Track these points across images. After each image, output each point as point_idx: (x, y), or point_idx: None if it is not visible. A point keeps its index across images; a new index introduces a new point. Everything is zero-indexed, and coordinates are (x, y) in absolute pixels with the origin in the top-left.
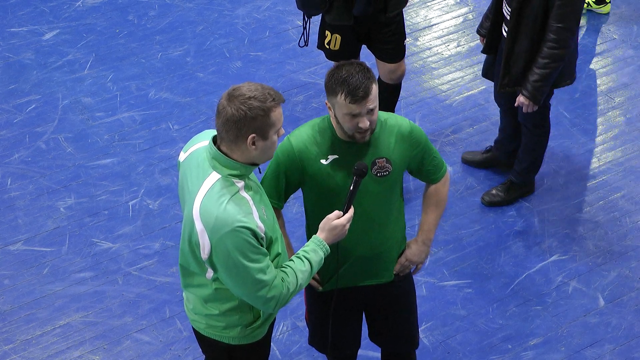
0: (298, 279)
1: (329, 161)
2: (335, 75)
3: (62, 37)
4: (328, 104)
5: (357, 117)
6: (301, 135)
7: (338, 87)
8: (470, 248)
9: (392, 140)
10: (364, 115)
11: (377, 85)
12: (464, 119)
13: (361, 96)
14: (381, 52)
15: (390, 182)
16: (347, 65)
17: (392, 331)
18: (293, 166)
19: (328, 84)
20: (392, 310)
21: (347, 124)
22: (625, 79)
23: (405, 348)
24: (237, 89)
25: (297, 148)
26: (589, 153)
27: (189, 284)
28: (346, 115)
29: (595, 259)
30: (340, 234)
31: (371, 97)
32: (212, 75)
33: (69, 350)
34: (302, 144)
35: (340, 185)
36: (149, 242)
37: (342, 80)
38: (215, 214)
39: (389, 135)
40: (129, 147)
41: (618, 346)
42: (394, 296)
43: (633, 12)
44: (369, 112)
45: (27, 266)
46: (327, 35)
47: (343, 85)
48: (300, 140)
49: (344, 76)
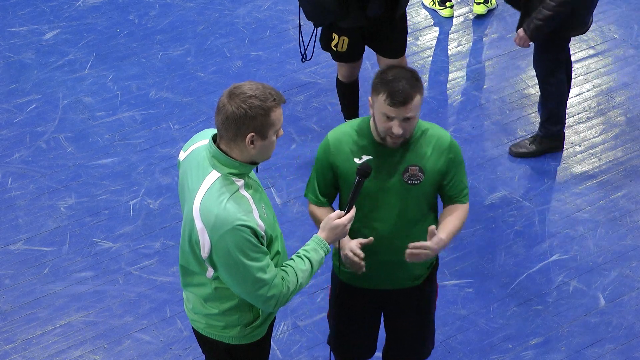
0: (298, 278)
1: (362, 161)
2: (382, 75)
3: (63, 37)
4: (370, 100)
5: (391, 120)
6: (339, 132)
7: (382, 86)
8: (470, 247)
9: (428, 150)
10: (399, 121)
11: (421, 95)
12: (465, 118)
13: (400, 101)
14: (385, 49)
15: (420, 192)
16: (397, 69)
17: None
18: (328, 162)
19: (374, 81)
20: (409, 316)
21: (381, 125)
22: (625, 79)
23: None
24: (239, 87)
25: (333, 144)
26: (590, 152)
27: (188, 283)
28: (382, 115)
29: (596, 259)
30: (341, 233)
31: (411, 105)
32: (213, 75)
33: (69, 349)
34: (338, 141)
35: (368, 186)
36: (149, 241)
37: (387, 81)
38: (215, 212)
39: (427, 145)
40: (129, 147)
41: (619, 346)
42: (414, 302)
43: (633, 11)
44: (405, 119)
45: (28, 266)
46: (334, 38)
47: (386, 86)
48: (337, 137)
49: (390, 78)
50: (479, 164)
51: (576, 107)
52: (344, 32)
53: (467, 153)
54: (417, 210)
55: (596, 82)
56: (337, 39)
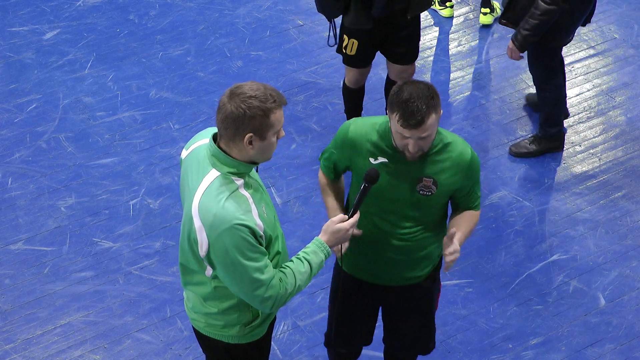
0: (297, 280)
1: (377, 162)
2: (399, 93)
3: (63, 37)
4: (387, 113)
5: (407, 139)
6: (362, 127)
7: (396, 106)
8: (471, 247)
9: (447, 164)
10: (414, 140)
11: (437, 113)
12: (465, 118)
13: (413, 124)
14: (395, 56)
15: (431, 204)
16: (413, 85)
17: (405, 335)
18: (343, 150)
19: (391, 99)
20: (410, 313)
21: (397, 141)
22: (626, 78)
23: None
24: (240, 87)
25: (352, 137)
26: (590, 152)
27: (188, 282)
28: (397, 133)
29: (596, 259)
30: (342, 237)
31: (425, 125)
32: (213, 75)
33: (69, 349)
34: (359, 136)
35: (380, 189)
36: (149, 241)
37: (402, 101)
38: (213, 211)
39: (446, 159)
40: (129, 147)
41: (619, 345)
42: (415, 300)
43: (633, 11)
44: (421, 138)
45: (28, 265)
46: (345, 39)
47: (400, 107)
48: (357, 132)
49: (405, 98)
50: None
51: (576, 107)
52: (353, 34)
53: None
54: (425, 219)
55: (596, 81)
56: (347, 40)
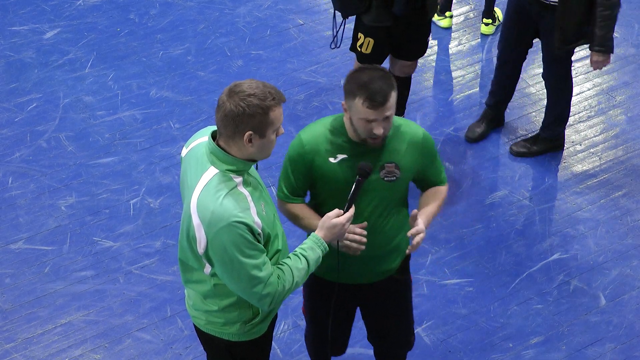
0: (294, 276)
1: (337, 160)
2: (356, 78)
3: (63, 36)
4: (345, 105)
5: (372, 122)
6: (312, 132)
7: (357, 90)
8: (471, 247)
9: (403, 146)
10: (379, 122)
11: (396, 92)
12: (465, 117)
13: (379, 102)
14: (404, 53)
15: (397, 188)
16: (370, 69)
17: (387, 332)
18: (302, 162)
19: (347, 86)
20: (388, 309)
21: (361, 128)
22: (626, 77)
23: (399, 350)
24: (239, 85)
25: (307, 144)
26: (590, 151)
27: (188, 279)
28: (361, 119)
29: (597, 258)
30: (339, 232)
31: (389, 103)
32: (213, 74)
33: (70, 349)
34: (313, 141)
35: (345, 186)
36: (150, 240)
37: (363, 84)
38: (211, 208)
39: (401, 141)
40: (130, 146)
41: (619, 345)
42: (390, 294)
43: (634, 10)
44: (385, 119)
45: (28, 265)
46: (360, 38)
47: (363, 90)
48: (310, 137)
49: (365, 80)
50: (479, 164)
51: (577, 106)
52: (370, 32)
53: (467, 152)
54: (393, 205)
55: (597, 81)
56: (363, 39)
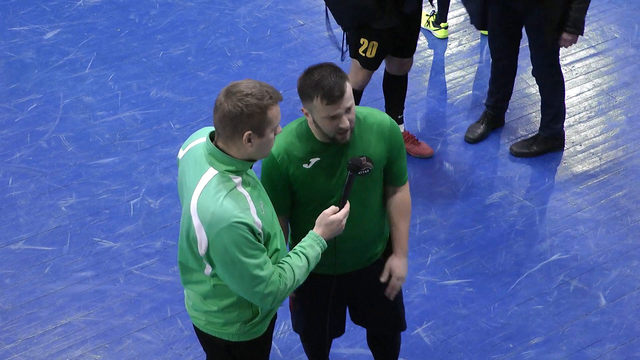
0: (295, 274)
1: (311, 165)
2: (307, 80)
3: (64, 36)
4: (304, 110)
5: (336, 118)
6: (280, 143)
7: (313, 91)
8: (471, 247)
9: (372, 138)
10: (342, 115)
11: (350, 83)
12: (465, 118)
13: (337, 96)
14: (405, 48)
15: (372, 180)
16: (318, 68)
17: (378, 313)
18: (278, 174)
19: (302, 89)
20: (377, 292)
21: (327, 127)
22: (626, 78)
23: (392, 330)
24: (235, 86)
25: (278, 156)
26: (591, 152)
27: (188, 280)
28: (325, 118)
29: (597, 258)
30: (337, 229)
31: (347, 95)
32: (213, 75)
33: (70, 349)
34: (283, 151)
35: (324, 187)
36: (150, 241)
37: (316, 83)
38: (212, 209)
39: (369, 133)
40: (130, 146)
41: (619, 345)
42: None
43: (634, 11)
44: (347, 111)
45: (29, 265)
46: (364, 43)
47: (317, 89)
48: (280, 148)
49: (317, 79)
50: (479, 164)
51: (577, 107)
52: (374, 36)
53: (467, 153)
54: (371, 197)
55: (597, 81)
56: (367, 44)
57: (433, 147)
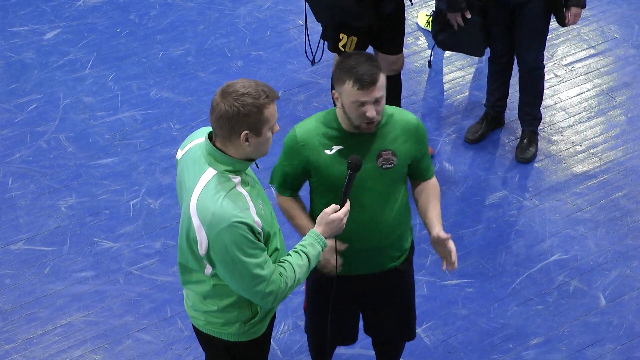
0: (296, 273)
1: (333, 152)
2: (342, 65)
3: (63, 37)
4: (335, 94)
5: (364, 105)
6: (306, 126)
7: (345, 75)
8: (471, 247)
9: (397, 133)
10: (371, 104)
11: (384, 76)
12: (465, 118)
13: (368, 82)
14: (387, 44)
15: (395, 175)
16: (355, 54)
17: (389, 322)
18: (297, 156)
19: (335, 73)
20: (391, 298)
21: (354, 113)
22: (626, 78)
23: (402, 339)
24: (231, 86)
25: (302, 138)
26: (590, 152)
27: (187, 280)
28: (353, 103)
29: (597, 259)
30: (337, 227)
31: (379, 84)
32: (213, 75)
33: (70, 349)
34: (307, 134)
35: (343, 176)
36: (150, 241)
37: (350, 68)
38: (211, 209)
39: (395, 128)
40: (130, 147)
41: (619, 345)
42: (395, 284)
43: (634, 11)
44: (376, 101)
45: (28, 265)
46: (343, 38)
47: (350, 73)
48: (305, 131)
49: (352, 64)
50: (479, 164)
51: (577, 107)
52: (353, 31)
53: (467, 153)
54: (393, 193)
55: (597, 81)
56: (346, 39)
57: (433, 147)
